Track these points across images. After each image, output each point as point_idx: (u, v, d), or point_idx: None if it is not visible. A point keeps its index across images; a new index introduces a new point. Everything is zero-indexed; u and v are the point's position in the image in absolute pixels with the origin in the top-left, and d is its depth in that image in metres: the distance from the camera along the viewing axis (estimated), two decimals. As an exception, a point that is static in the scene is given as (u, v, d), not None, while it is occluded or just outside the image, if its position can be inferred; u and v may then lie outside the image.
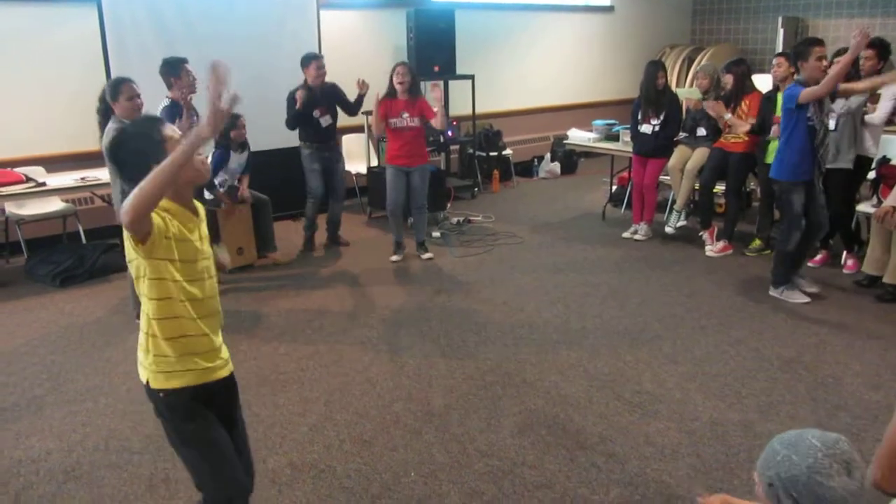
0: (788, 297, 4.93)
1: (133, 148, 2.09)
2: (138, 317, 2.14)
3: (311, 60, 5.98)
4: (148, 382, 2.13)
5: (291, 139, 6.29)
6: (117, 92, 4.39)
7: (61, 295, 5.35)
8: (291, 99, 5.98)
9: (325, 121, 6.07)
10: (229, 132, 5.57)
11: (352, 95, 6.15)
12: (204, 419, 2.17)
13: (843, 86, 4.70)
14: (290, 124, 6.05)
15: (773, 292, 5.01)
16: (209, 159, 5.53)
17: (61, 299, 5.26)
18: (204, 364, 2.15)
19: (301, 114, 5.94)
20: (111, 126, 4.36)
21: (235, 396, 2.36)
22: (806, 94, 4.50)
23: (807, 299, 4.90)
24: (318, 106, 6.01)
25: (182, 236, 2.04)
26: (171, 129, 2.12)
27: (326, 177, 6.26)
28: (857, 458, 1.41)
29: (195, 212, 2.16)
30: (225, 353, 2.26)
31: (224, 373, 2.23)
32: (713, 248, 6.06)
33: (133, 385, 3.93)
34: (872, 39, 5.46)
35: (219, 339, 2.22)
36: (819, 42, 4.67)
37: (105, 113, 4.44)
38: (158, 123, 2.13)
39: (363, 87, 6.06)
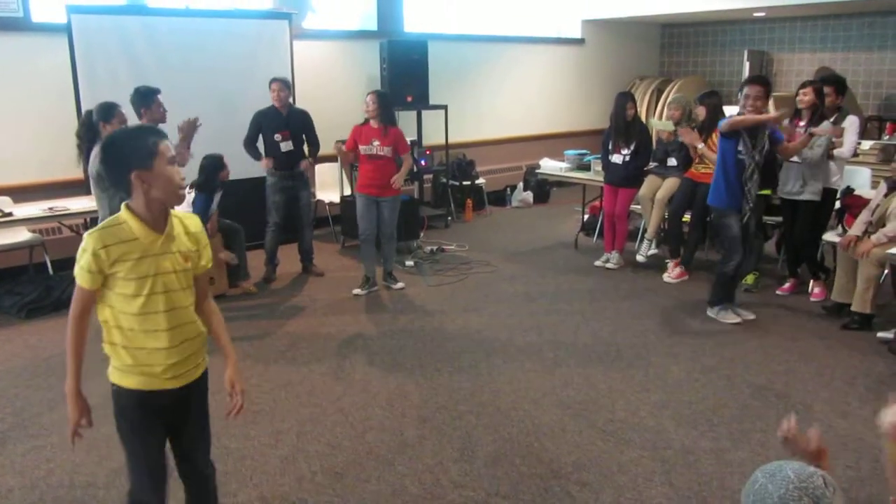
0: (723, 317, 5.12)
1: (121, 149, 2.12)
2: None
3: (271, 83, 6.04)
4: (109, 374, 2.28)
5: (255, 169, 6.24)
6: (111, 115, 4.42)
7: (27, 327, 5.24)
8: (255, 121, 6.00)
9: (286, 146, 6.03)
10: (218, 173, 5.53)
11: (327, 128, 6.18)
12: (139, 424, 2.29)
13: (788, 145, 4.97)
14: (247, 143, 6.04)
15: (709, 312, 5.18)
16: (192, 202, 5.49)
17: (27, 331, 5.15)
18: (147, 374, 2.23)
19: (255, 135, 6.01)
20: (97, 152, 4.34)
21: (195, 401, 2.42)
22: (724, 124, 4.75)
23: (738, 320, 5.08)
24: (280, 129, 6.00)
25: (132, 257, 2.11)
26: (167, 146, 2.12)
27: (291, 206, 6.21)
28: (828, 496, 1.44)
29: (162, 228, 2.17)
30: (192, 363, 2.32)
31: (176, 384, 2.27)
32: (670, 274, 6.15)
33: (98, 418, 3.82)
34: (829, 77, 5.66)
35: (179, 351, 2.24)
36: (749, 81, 4.88)
37: (90, 138, 4.41)
38: (158, 136, 2.14)
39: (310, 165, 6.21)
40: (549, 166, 7.92)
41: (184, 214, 2.29)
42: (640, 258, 6.57)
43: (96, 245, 2.09)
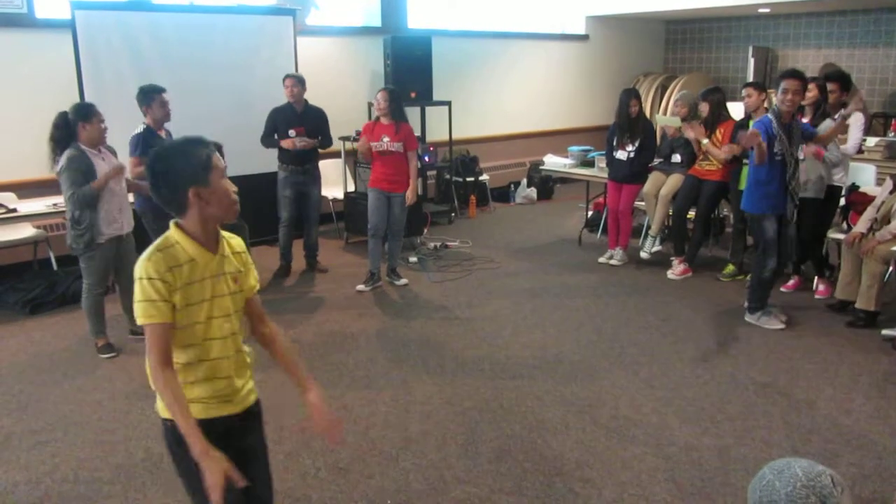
0: (765, 323, 4.97)
1: (175, 165, 1.94)
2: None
3: (285, 79, 6.04)
4: (159, 409, 2.06)
5: (267, 164, 6.28)
6: (91, 114, 4.37)
7: (31, 322, 5.25)
8: (270, 117, 6.01)
9: (300, 141, 6.05)
10: None
11: (331, 124, 6.19)
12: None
13: (822, 136, 4.98)
14: (264, 141, 6.06)
15: (749, 318, 5.05)
16: None
17: (31, 327, 5.17)
18: (213, 400, 2.05)
19: (272, 130, 6.01)
20: (68, 153, 4.33)
21: (252, 430, 2.22)
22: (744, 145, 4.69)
23: (782, 326, 4.95)
24: (294, 125, 6.01)
25: (189, 281, 1.95)
26: (218, 158, 1.98)
27: (300, 202, 6.23)
28: (835, 495, 1.43)
29: (215, 248, 2.03)
30: (244, 391, 2.15)
31: (237, 408, 2.11)
32: (674, 270, 6.14)
33: (104, 414, 3.86)
34: (834, 73, 5.61)
35: (238, 378, 2.11)
36: (786, 75, 4.68)
37: (64, 139, 4.38)
38: (210, 149, 1.98)
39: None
40: (553, 162, 7.91)
41: (227, 234, 2.12)
42: (643, 255, 6.56)
43: (159, 268, 1.91)
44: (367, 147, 5.68)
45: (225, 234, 2.10)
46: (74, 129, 4.37)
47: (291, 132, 5.99)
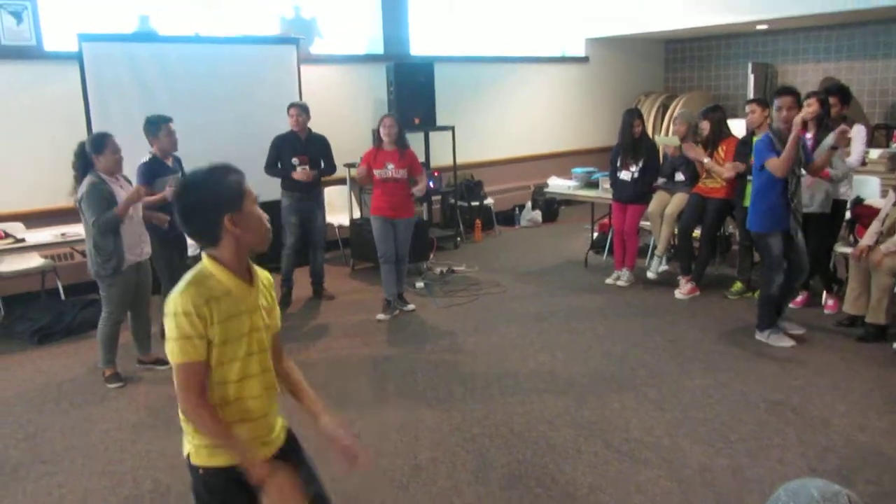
0: (774, 341, 4.93)
1: (207, 193, 1.86)
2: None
3: (289, 108, 6.07)
4: (189, 456, 1.96)
5: (271, 193, 6.26)
6: (103, 145, 4.39)
7: (39, 352, 5.25)
8: (273, 146, 6.02)
9: (303, 173, 6.06)
10: None
11: (335, 151, 6.22)
12: None
13: (813, 165, 4.92)
14: (269, 170, 6.05)
15: (758, 336, 5.02)
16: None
17: (39, 357, 5.16)
18: (252, 443, 1.95)
19: (276, 160, 6.02)
20: (88, 180, 4.35)
21: (293, 459, 2.10)
22: (769, 166, 4.65)
23: (792, 343, 4.90)
24: (298, 153, 6.02)
25: (227, 315, 1.87)
26: (249, 184, 1.93)
27: (305, 228, 6.22)
28: None
29: (251, 279, 1.96)
30: (277, 428, 2.07)
31: (272, 449, 2.03)
32: (681, 290, 6.12)
33: (111, 444, 3.84)
34: (833, 86, 5.64)
35: (269, 420, 2.02)
36: (779, 92, 4.77)
37: (83, 168, 4.43)
38: (240, 175, 1.92)
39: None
40: (557, 185, 7.92)
41: (256, 267, 2.04)
42: (650, 275, 6.54)
43: (196, 302, 1.82)
44: (365, 173, 5.69)
45: (253, 266, 2.02)
46: (90, 159, 4.41)
47: (295, 160, 6.01)
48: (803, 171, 4.87)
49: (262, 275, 2.05)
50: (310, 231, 6.26)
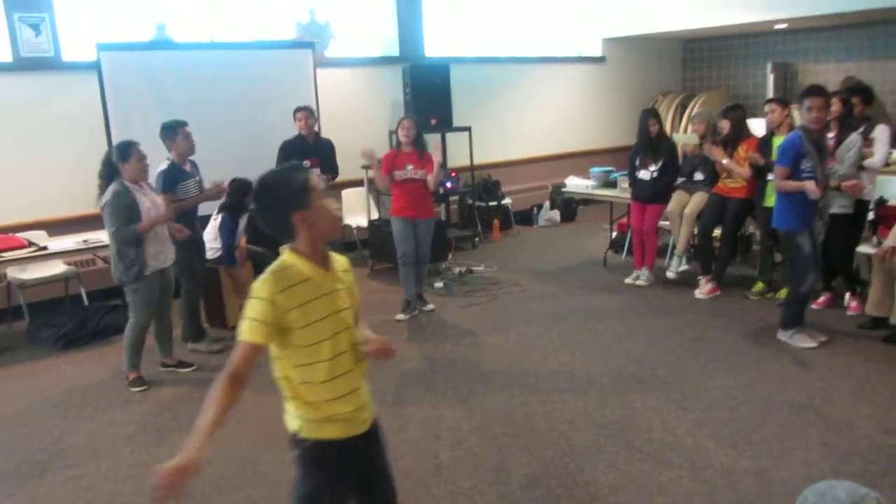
0: (797, 341, 4.89)
1: (277, 193, 2.04)
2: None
3: (297, 112, 6.11)
4: (297, 431, 2.12)
5: None
6: (128, 153, 4.44)
7: (64, 358, 5.32)
8: (283, 150, 6.03)
9: (315, 172, 6.09)
10: (244, 198, 5.60)
11: (352, 154, 6.24)
12: (328, 484, 2.14)
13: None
14: None
15: (781, 335, 4.97)
16: (219, 226, 5.54)
17: (63, 362, 5.23)
18: (346, 419, 2.13)
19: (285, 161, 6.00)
20: (113, 188, 4.40)
21: (377, 451, 2.30)
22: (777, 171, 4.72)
23: (814, 343, 4.85)
24: (308, 157, 6.03)
25: (299, 303, 2.01)
26: (316, 179, 2.09)
27: None
28: None
29: (327, 265, 2.12)
30: (368, 406, 2.22)
31: (363, 428, 2.19)
32: (701, 290, 6.08)
33: (136, 447, 3.89)
34: (856, 86, 5.58)
35: (361, 393, 2.18)
36: (809, 93, 4.65)
37: (109, 175, 4.47)
38: (306, 172, 2.10)
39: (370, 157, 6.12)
40: (575, 184, 7.91)
41: (333, 254, 2.20)
42: (670, 275, 6.51)
43: (273, 290, 1.98)
44: (386, 180, 5.70)
45: (331, 253, 2.18)
46: (116, 167, 4.45)
47: (306, 163, 6.01)
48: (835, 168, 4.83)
49: (339, 259, 2.21)
50: None
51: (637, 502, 3.17)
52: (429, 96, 7.85)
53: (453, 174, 8.12)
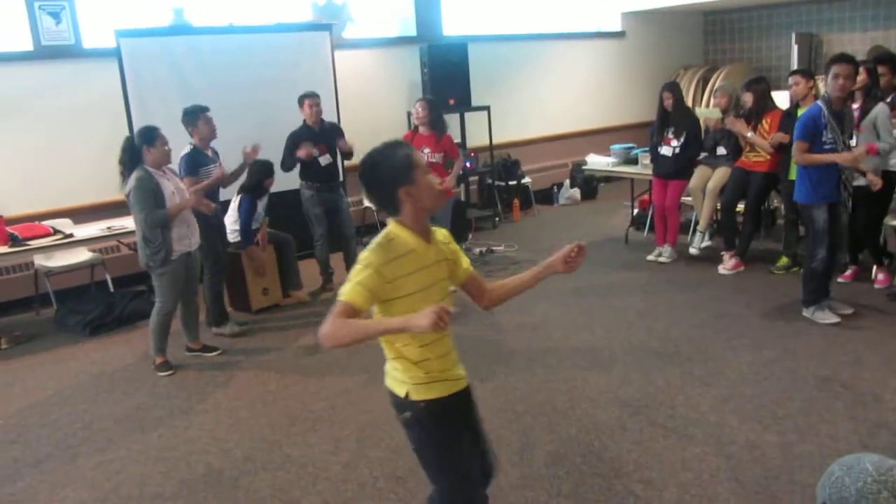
0: (819, 317, 4.82)
1: (383, 170, 2.13)
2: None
3: (304, 99, 5.97)
4: (407, 394, 2.23)
5: (289, 182, 6.24)
6: (154, 137, 4.47)
7: (91, 344, 5.40)
8: (289, 140, 5.98)
9: (325, 159, 6.02)
10: (263, 180, 5.62)
11: (371, 135, 6.17)
12: (455, 429, 2.31)
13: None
14: (285, 165, 5.94)
15: (805, 313, 4.91)
16: (237, 207, 5.58)
17: (91, 348, 5.31)
18: (449, 378, 2.28)
19: (295, 155, 5.92)
20: (136, 174, 4.43)
21: (473, 408, 2.44)
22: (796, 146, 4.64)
23: (837, 319, 4.79)
24: (317, 144, 6.00)
25: (404, 273, 2.12)
26: (419, 155, 2.19)
27: (332, 217, 6.19)
28: None
29: (429, 238, 2.22)
30: (461, 372, 2.36)
31: (464, 384, 2.34)
32: (725, 265, 6.02)
33: (164, 431, 3.95)
34: (884, 55, 5.45)
35: (454, 354, 2.34)
36: (837, 59, 4.53)
37: (131, 162, 4.50)
38: (409, 148, 2.19)
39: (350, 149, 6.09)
40: (596, 162, 7.84)
41: (433, 227, 2.30)
42: (693, 251, 6.45)
43: (381, 260, 2.09)
44: None
45: (431, 227, 2.28)
46: (139, 151, 4.47)
47: (315, 151, 5.99)
48: (853, 143, 4.73)
49: (440, 232, 2.32)
50: (338, 223, 6.22)
51: (662, 478, 3.17)
52: (447, 76, 7.81)
53: (472, 154, 8.09)
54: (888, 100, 5.12)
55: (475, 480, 2.40)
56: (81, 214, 6.22)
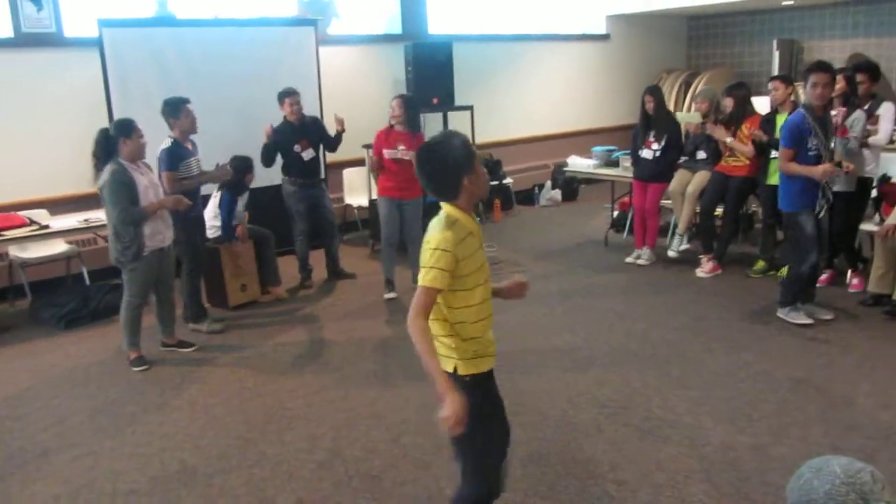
0: (793, 318, 4.89)
1: (448, 160, 2.24)
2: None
3: (285, 97, 5.94)
4: (455, 369, 2.34)
5: (272, 177, 6.22)
6: (131, 129, 4.43)
7: (66, 337, 5.34)
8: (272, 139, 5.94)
9: (308, 154, 6.01)
10: (245, 175, 5.59)
11: (354, 132, 6.17)
12: (496, 400, 2.52)
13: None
14: (264, 160, 5.89)
15: (779, 313, 4.97)
16: (219, 204, 5.54)
17: (66, 341, 5.25)
18: (491, 354, 2.42)
19: (274, 149, 5.90)
20: (110, 168, 4.37)
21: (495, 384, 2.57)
22: (781, 153, 4.69)
23: (810, 321, 4.85)
24: (298, 140, 5.98)
25: (469, 253, 2.26)
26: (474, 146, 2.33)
27: (314, 213, 6.18)
28: (877, 491, 1.40)
29: (476, 222, 2.37)
30: (494, 350, 2.48)
31: (491, 365, 2.45)
32: (703, 268, 6.07)
33: (138, 427, 3.91)
34: (862, 63, 5.52)
35: (491, 334, 2.44)
36: (814, 68, 4.60)
37: (105, 155, 4.44)
38: (465, 137, 2.31)
39: (340, 124, 6.08)
40: (577, 164, 7.87)
41: None
42: (671, 254, 6.50)
43: (454, 242, 2.21)
44: (376, 158, 5.67)
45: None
46: (115, 144, 4.42)
47: (297, 147, 5.97)
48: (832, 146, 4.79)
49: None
50: (321, 219, 6.21)
51: (636, 479, 3.19)
52: (431, 75, 7.80)
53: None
54: (866, 107, 5.18)
55: (502, 454, 2.59)
56: (58, 205, 6.15)
